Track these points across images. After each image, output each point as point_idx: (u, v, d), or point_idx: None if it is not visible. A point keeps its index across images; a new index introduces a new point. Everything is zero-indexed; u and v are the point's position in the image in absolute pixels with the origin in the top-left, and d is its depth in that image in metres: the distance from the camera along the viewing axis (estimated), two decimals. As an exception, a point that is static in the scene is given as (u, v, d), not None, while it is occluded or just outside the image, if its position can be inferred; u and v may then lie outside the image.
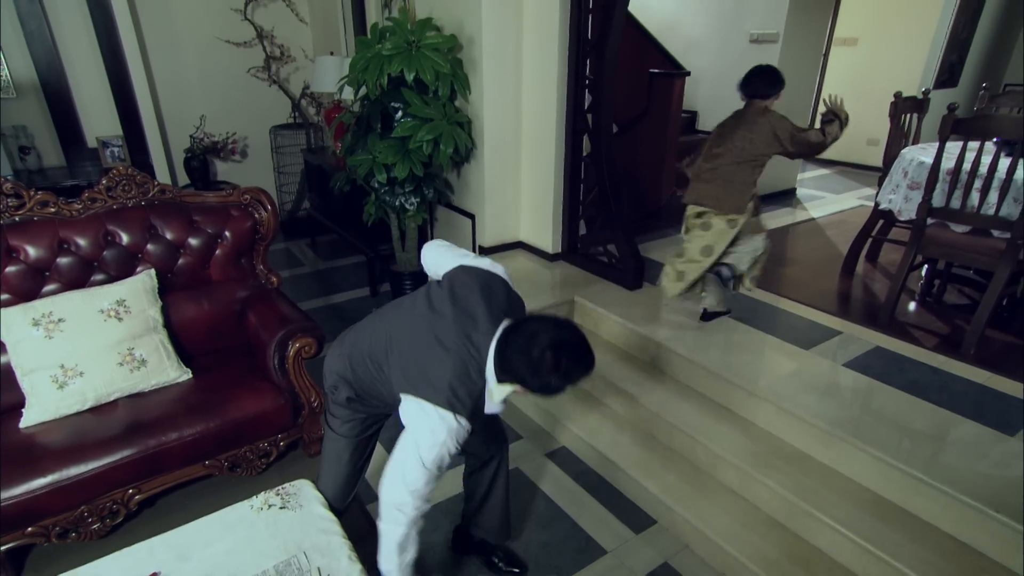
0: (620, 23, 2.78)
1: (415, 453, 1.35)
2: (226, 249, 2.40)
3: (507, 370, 1.34)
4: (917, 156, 2.87)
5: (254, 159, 4.98)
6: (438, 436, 1.33)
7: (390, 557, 1.44)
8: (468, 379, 1.35)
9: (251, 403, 2.09)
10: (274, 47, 4.70)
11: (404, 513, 1.40)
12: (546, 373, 1.29)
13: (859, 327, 2.71)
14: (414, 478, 1.36)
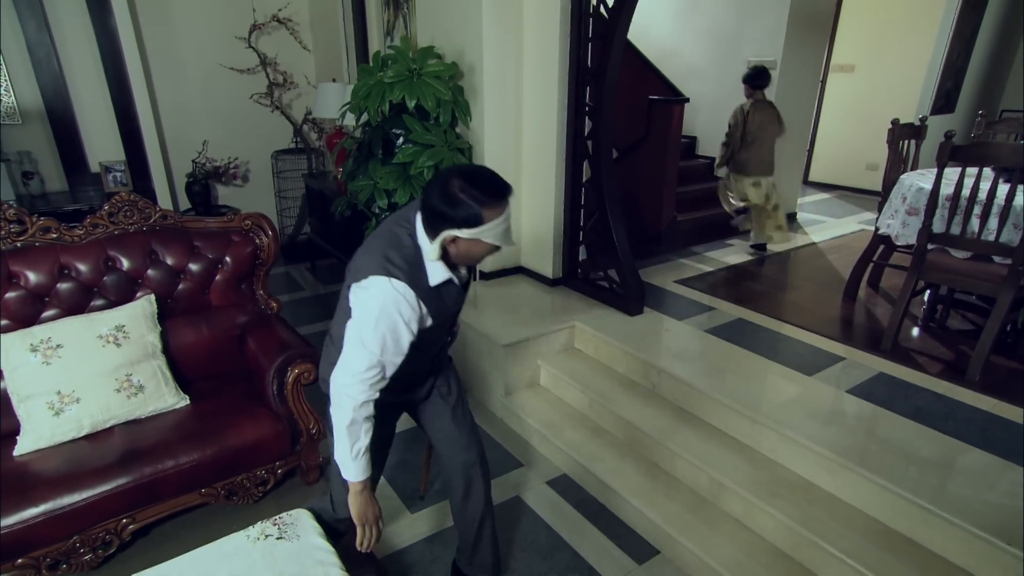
0: (620, 51, 2.84)
1: (356, 336, 1.36)
2: (226, 274, 2.42)
3: (431, 218, 1.36)
4: (916, 182, 2.90)
5: (255, 184, 5.04)
6: (373, 310, 1.34)
7: (341, 444, 1.43)
8: (399, 244, 1.39)
9: (249, 430, 2.08)
10: (277, 74, 4.79)
11: (350, 397, 1.38)
12: (460, 199, 1.31)
13: (862, 353, 2.71)
14: (356, 361, 1.36)
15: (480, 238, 1.36)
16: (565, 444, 2.52)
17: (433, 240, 1.37)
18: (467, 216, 1.32)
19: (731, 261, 4.03)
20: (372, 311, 1.34)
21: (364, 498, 1.51)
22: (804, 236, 4.78)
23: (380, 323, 1.35)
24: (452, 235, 1.35)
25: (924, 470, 1.92)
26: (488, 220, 1.34)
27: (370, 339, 1.35)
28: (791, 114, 4.84)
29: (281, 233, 5.13)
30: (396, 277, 1.34)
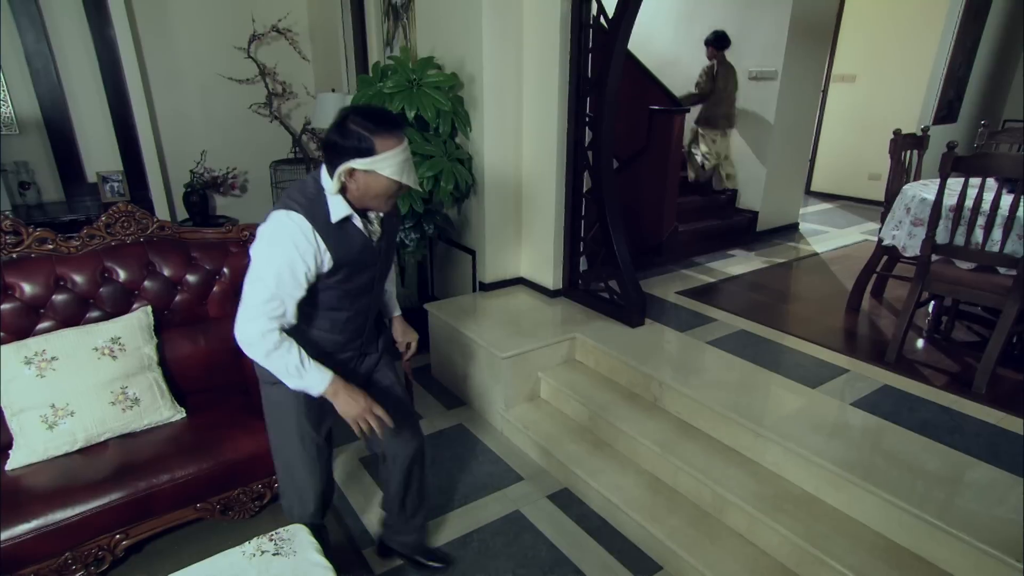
0: (620, 62, 2.85)
1: (254, 272, 1.41)
2: (224, 286, 2.41)
3: (328, 155, 1.42)
4: (919, 192, 2.90)
5: (254, 194, 5.05)
6: (269, 241, 1.39)
7: (281, 374, 1.46)
8: (302, 186, 1.47)
9: (246, 443, 2.07)
10: (276, 84, 4.82)
11: (253, 332, 1.41)
12: (352, 130, 1.38)
13: (866, 365, 2.70)
14: (252, 296, 1.41)
15: (375, 169, 1.40)
16: (566, 457, 2.50)
17: (333, 176, 1.43)
18: (359, 145, 1.38)
19: (733, 272, 4.03)
20: (266, 243, 1.40)
21: (344, 395, 1.51)
22: (807, 246, 4.79)
23: (275, 254, 1.39)
24: (349, 167, 1.40)
25: (931, 485, 1.91)
26: (381, 151, 1.38)
27: (266, 271, 1.40)
28: (792, 124, 4.88)
29: (279, 243, 5.13)
30: (293, 210, 1.40)
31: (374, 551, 2.16)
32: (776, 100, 4.67)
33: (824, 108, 6.51)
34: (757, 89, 4.79)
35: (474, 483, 2.52)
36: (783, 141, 4.87)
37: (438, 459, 2.69)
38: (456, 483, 2.52)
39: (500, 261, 3.48)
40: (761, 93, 4.77)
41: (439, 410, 3.10)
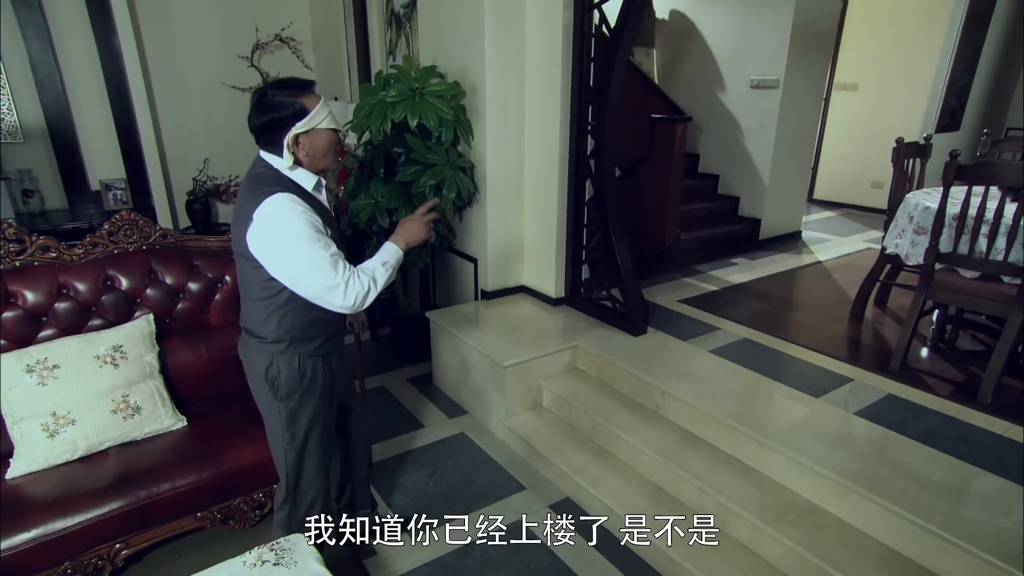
0: (622, 70, 2.87)
1: (297, 261, 1.44)
2: (226, 294, 2.42)
3: (268, 134, 1.48)
4: (922, 201, 2.91)
5: (256, 202, 5.07)
6: (283, 229, 1.43)
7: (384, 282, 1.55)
8: (258, 179, 1.50)
9: (247, 452, 2.07)
10: (280, 92, 4.85)
11: (351, 295, 1.47)
12: (280, 101, 1.45)
13: (870, 374, 2.69)
14: (321, 277, 1.44)
15: (315, 126, 1.48)
16: (568, 467, 2.50)
17: (282, 151, 1.49)
18: (292, 110, 1.45)
19: (736, 280, 4.03)
20: (286, 230, 1.43)
21: (407, 235, 1.66)
22: (809, 255, 4.79)
23: (293, 227, 1.43)
24: (292, 135, 1.47)
25: (936, 495, 1.90)
26: (311, 108, 1.47)
27: (300, 247, 1.43)
28: (795, 132, 4.89)
29: (281, 251, 5.14)
30: (272, 194, 1.44)
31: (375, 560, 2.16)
32: (778, 109, 4.68)
33: (826, 116, 6.53)
34: (759, 98, 4.80)
35: (475, 492, 2.51)
36: (785, 149, 4.89)
37: (440, 468, 2.68)
38: (457, 492, 2.51)
39: (502, 269, 3.49)
40: (763, 102, 4.78)
41: (441, 419, 3.10)
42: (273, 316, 1.57)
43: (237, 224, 1.53)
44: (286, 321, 1.58)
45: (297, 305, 1.57)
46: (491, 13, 2.98)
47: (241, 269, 1.59)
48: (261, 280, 1.54)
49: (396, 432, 2.95)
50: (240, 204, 1.52)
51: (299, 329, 1.61)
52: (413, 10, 3.61)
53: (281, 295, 1.55)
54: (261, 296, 1.57)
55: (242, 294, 1.64)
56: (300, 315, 1.59)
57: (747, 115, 4.93)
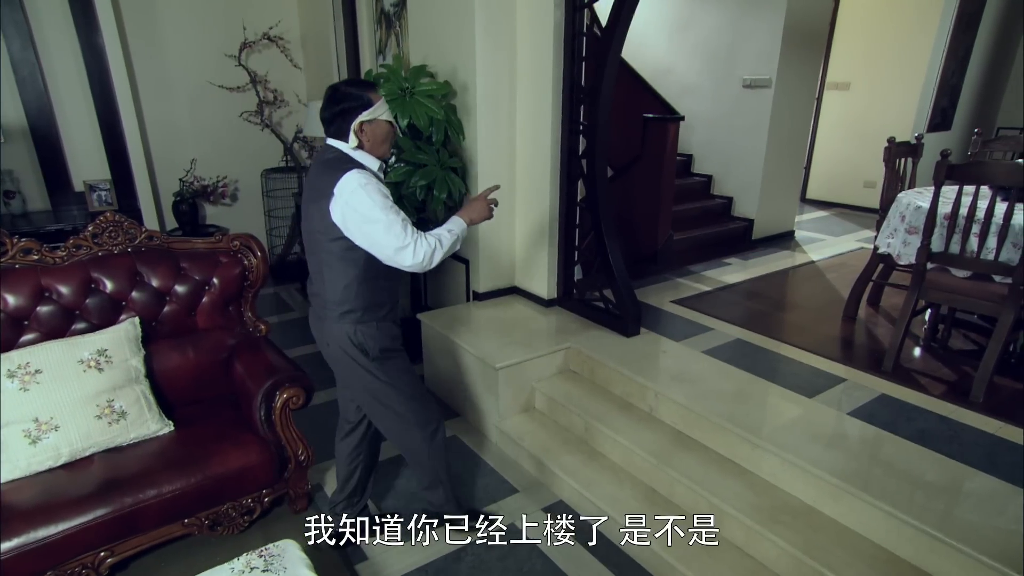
0: (614, 70, 2.88)
1: (374, 224, 1.67)
2: (213, 296, 2.41)
3: (338, 122, 1.75)
4: (914, 200, 2.93)
5: (244, 202, 5.05)
6: (360, 193, 1.66)
7: (450, 248, 1.81)
8: (331, 163, 1.75)
9: (235, 457, 2.06)
10: (267, 92, 4.83)
11: (421, 254, 1.71)
12: (350, 92, 1.74)
13: (863, 374, 2.71)
14: (394, 237, 1.68)
15: (377, 116, 1.76)
16: (561, 469, 2.50)
17: (348, 137, 1.76)
18: (360, 101, 1.73)
19: (729, 280, 4.05)
20: (363, 198, 1.67)
21: (471, 213, 1.92)
22: (802, 254, 4.82)
23: (371, 197, 1.67)
24: (359, 122, 1.74)
25: (930, 495, 1.91)
26: (375, 101, 1.75)
27: (377, 212, 1.67)
28: (787, 131, 4.92)
29: (271, 252, 5.13)
30: (350, 170, 1.69)
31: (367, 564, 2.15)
32: (771, 108, 4.71)
33: (819, 116, 6.58)
34: (752, 97, 4.83)
35: (468, 495, 2.51)
36: (778, 149, 4.92)
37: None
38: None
39: (494, 270, 3.49)
40: (756, 101, 4.81)
41: (432, 422, 3.09)
42: (352, 285, 1.80)
43: (313, 204, 1.77)
44: (364, 289, 1.81)
45: (371, 274, 1.80)
46: (481, 12, 2.98)
47: (317, 246, 1.81)
48: (340, 251, 1.76)
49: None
50: (315, 186, 1.76)
51: (373, 296, 1.84)
52: (403, 9, 3.60)
53: (358, 265, 1.78)
54: (339, 267, 1.79)
55: (317, 271, 1.86)
56: (374, 283, 1.83)
57: (740, 115, 4.96)
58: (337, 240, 1.74)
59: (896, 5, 5.82)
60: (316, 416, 3.07)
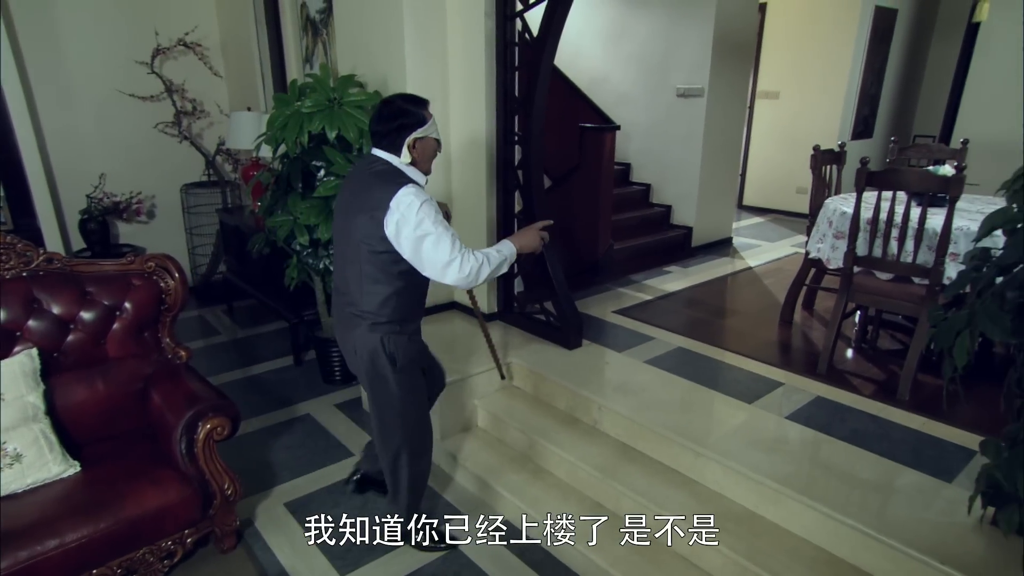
0: (547, 79, 2.93)
1: (425, 238, 1.77)
2: (126, 322, 2.29)
3: (392, 137, 1.85)
4: (840, 206, 3.11)
5: (163, 220, 4.83)
6: (418, 212, 1.76)
7: (497, 272, 1.92)
8: (384, 175, 1.84)
9: (152, 496, 1.95)
10: (185, 101, 4.65)
11: (469, 268, 1.81)
12: (407, 109, 1.85)
13: (800, 377, 2.84)
14: (443, 251, 1.78)
15: (429, 134, 1.88)
16: (506, 488, 2.49)
17: (401, 151, 1.86)
18: (416, 118, 1.85)
19: (670, 288, 4.16)
20: (417, 213, 1.76)
21: (523, 241, 2.02)
22: (740, 261, 5.01)
23: (426, 212, 1.77)
24: (413, 138, 1.85)
25: (863, 494, 2.01)
26: (428, 118, 1.88)
27: (431, 226, 1.77)
28: (722, 140, 5.13)
29: (194, 273, 4.92)
30: (404, 185, 1.79)
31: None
32: (704, 117, 4.91)
33: (751, 124, 6.90)
34: (686, 106, 5.02)
35: (409, 523, 2.46)
36: (713, 157, 5.12)
37: (371, 499, 2.61)
38: (390, 524, 2.45)
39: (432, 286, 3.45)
40: (690, 110, 5.00)
41: (371, 446, 3.03)
42: (391, 299, 1.90)
43: (362, 214, 1.83)
44: (402, 302, 1.93)
45: (411, 288, 1.93)
46: (411, 21, 2.97)
47: (359, 255, 1.87)
48: (385, 263, 1.85)
49: (324, 463, 2.86)
50: (364, 197, 1.84)
51: (408, 310, 1.97)
52: (329, 16, 3.56)
53: (402, 278, 1.89)
54: (381, 279, 1.87)
55: (356, 280, 1.91)
56: (411, 298, 1.96)
57: (675, 123, 5.14)
58: (384, 253, 1.83)
59: (817, 18, 6.20)
60: (244, 446, 2.96)
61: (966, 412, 2.48)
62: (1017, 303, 1.04)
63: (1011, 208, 1.09)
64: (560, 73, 4.76)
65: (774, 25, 6.54)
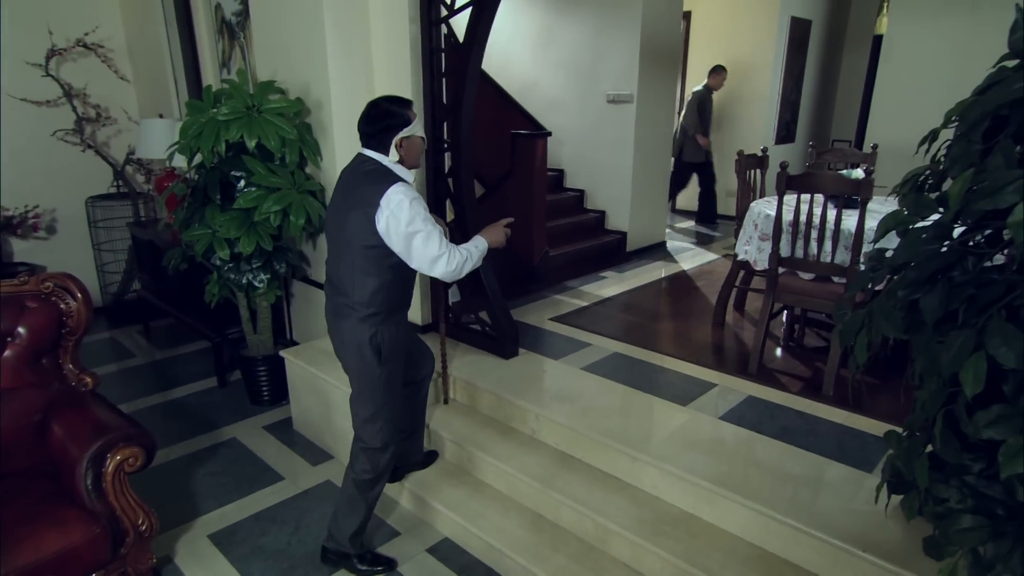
0: (474, 86, 2.94)
1: (414, 235, 1.92)
2: (19, 349, 2.13)
3: (380, 136, 2.00)
4: (764, 209, 3.26)
5: (66, 235, 4.54)
6: (407, 209, 1.90)
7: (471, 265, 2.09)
8: (375, 174, 1.98)
9: (51, 539, 1.82)
10: (88, 107, 4.40)
11: (454, 263, 1.99)
12: (392, 110, 2.00)
13: (733, 377, 2.95)
14: (431, 247, 1.94)
15: (414, 133, 2.03)
16: (444, 505, 2.46)
17: (388, 151, 2.00)
18: (401, 119, 2.00)
19: (605, 294, 4.25)
20: (407, 210, 1.90)
21: (490, 236, 2.22)
22: (674, 264, 5.17)
23: (417, 210, 1.92)
24: (399, 137, 1.99)
25: (793, 490, 2.11)
26: (413, 118, 2.03)
27: (422, 224, 1.92)
28: (651, 144, 5.29)
29: (104, 292, 4.67)
30: (395, 183, 1.93)
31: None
32: (634, 122, 5.05)
33: (681, 130, 7.15)
34: (616, 112, 5.15)
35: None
36: (644, 162, 5.27)
37: (303, 523, 2.54)
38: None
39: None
40: (620, 115, 5.13)
41: (303, 467, 2.94)
42: (381, 290, 2.01)
43: (353, 211, 1.95)
44: (392, 293, 2.05)
45: (399, 280, 2.06)
46: (332, 26, 2.92)
47: (351, 250, 1.99)
48: (376, 257, 1.97)
49: (252, 489, 2.76)
50: (355, 195, 1.97)
51: (396, 301, 2.10)
52: (247, 19, 3.45)
53: (390, 272, 2.01)
54: (372, 272, 1.99)
55: (347, 274, 2.02)
56: (399, 289, 2.09)
57: (606, 129, 5.26)
58: (376, 247, 1.96)
59: (739, 26, 6.51)
60: (163, 476, 2.82)
61: (885, 404, 2.65)
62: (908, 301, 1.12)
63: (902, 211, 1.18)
64: (490, 79, 4.80)
65: (699, 32, 6.82)
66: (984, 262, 1.06)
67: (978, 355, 0.98)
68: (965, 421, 1.05)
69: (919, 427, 1.28)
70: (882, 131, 5.34)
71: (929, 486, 1.17)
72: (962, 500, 1.10)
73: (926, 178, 1.23)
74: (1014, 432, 0.97)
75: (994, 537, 1.06)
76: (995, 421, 1.00)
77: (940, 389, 1.11)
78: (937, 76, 5.03)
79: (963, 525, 1.10)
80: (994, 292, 1.00)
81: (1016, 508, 1.05)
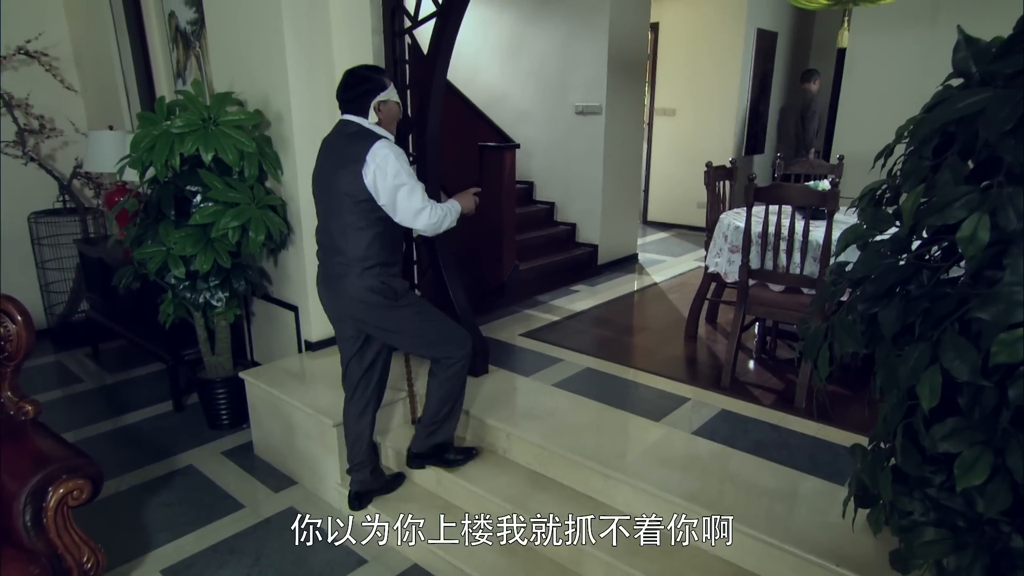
0: (440, 98, 2.96)
1: (400, 186, 2.09)
2: (-44, 376, 2.06)
3: (360, 100, 2.18)
4: (733, 221, 3.34)
5: (7, 253, 4.40)
6: (392, 162, 2.08)
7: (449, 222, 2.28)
8: (355, 132, 2.17)
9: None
10: (30, 118, 4.29)
11: (435, 216, 2.18)
12: (369, 75, 2.19)
13: (705, 391, 3.00)
14: (414, 199, 2.12)
15: (390, 98, 2.22)
16: (412, 530, 2.44)
17: (368, 114, 2.19)
18: (378, 84, 2.18)
19: (577, 308, 4.29)
20: (393, 162, 2.08)
21: (462, 202, 2.38)
22: (646, 277, 5.25)
23: (402, 164, 2.10)
24: (377, 101, 2.18)
25: (768, 504, 2.15)
26: (388, 84, 2.21)
27: (406, 177, 2.10)
28: (622, 156, 5.38)
29: (48, 313, 4.54)
30: (380, 139, 2.12)
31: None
32: (603, 134, 5.13)
33: (652, 140, 7.29)
34: (585, 123, 5.23)
35: (309, 574, 2.36)
36: (615, 174, 5.35)
37: (264, 553, 2.49)
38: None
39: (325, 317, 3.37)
40: (589, 127, 5.22)
41: (264, 494, 2.89)
42: (375, 241, 2.17)
43: (341, 169, 2.13)
44: (384, 243, 2.21)
45: (390, 232, 2.21)
46: (293, 36, 2.92)
47: (342, 207, 2.15)
48: (366, 211, 2.14)
49: (209, 519, 2.69)
50: (342, 154, 2.15)
51: (390, 252, 2.25)
52: (202, 28, 3.43)
53: (379, 224, 2.17)
54: (363, 226, 2.15)
55: (340, 232, 2.18)
56: (392, 239, 2.25)
57: (576, 141, 5.34)
58: (365, 201, 2.12)
59: (706, 37, 6.68)
60: (113, 508, 2.74)
61: (856, 415, 2.72)
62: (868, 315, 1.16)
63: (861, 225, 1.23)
64: (457, 91, 4.84)
65: (667, 43, 6.98)
66: (939, 275, 1.11)
67: (933, 368, 1.03)
68: (923, 434, 1.09)
69: (882, 440, 1.33)
70: (847, 142, 5.53)
71: (893, 499, 1.21)
72: (925, 513, 1.14)
73: (883, 192, 1.29)
74: (968, 445, 1.01)
75: (956, 549, 1.10)
76: (950, 434, 1.04)
77: (900, 402, 1.15)
78: (898, 89, 5.24)
79: (926, 538, 1.14)
80: (947, 306, 1.05)
81: (976, 520, 1.09)
